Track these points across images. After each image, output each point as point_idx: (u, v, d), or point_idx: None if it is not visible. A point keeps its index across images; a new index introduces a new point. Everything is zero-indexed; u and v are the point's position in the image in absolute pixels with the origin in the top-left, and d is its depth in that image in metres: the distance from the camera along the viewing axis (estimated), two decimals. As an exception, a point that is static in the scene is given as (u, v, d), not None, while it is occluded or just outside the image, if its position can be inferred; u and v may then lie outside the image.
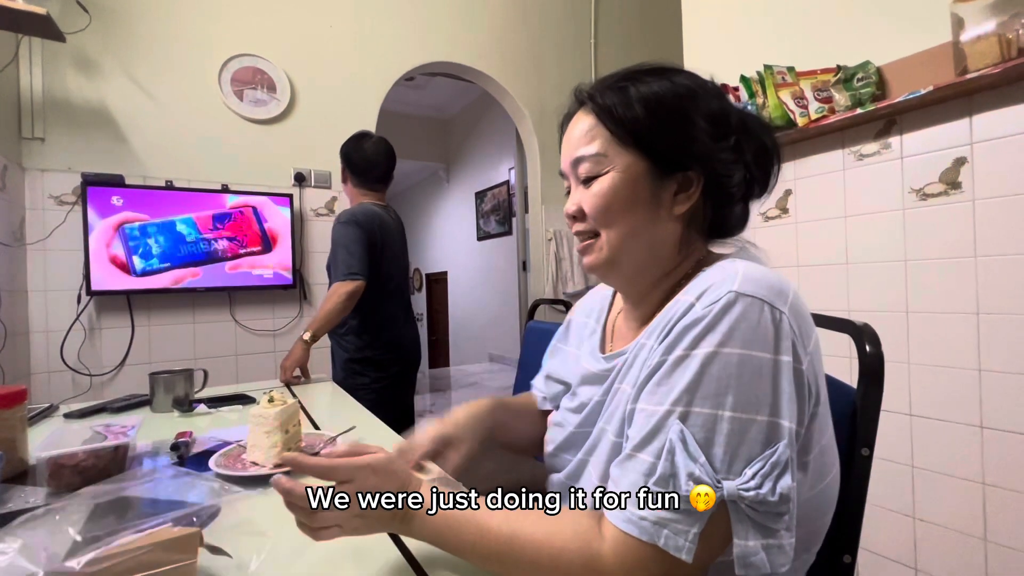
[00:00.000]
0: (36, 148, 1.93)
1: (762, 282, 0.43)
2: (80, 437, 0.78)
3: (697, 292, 0.44)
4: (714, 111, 0.50)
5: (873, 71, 1.34)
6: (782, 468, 0.39)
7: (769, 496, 0.38)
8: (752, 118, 0.53)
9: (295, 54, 2.40)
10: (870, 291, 1.39)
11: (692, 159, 0.50)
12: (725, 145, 0.50)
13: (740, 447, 0.39)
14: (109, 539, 0.43)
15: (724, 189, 0.51)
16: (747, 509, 0.38)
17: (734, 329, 0.41)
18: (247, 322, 2.31)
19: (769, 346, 0.40)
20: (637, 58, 0.56)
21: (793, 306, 0.43)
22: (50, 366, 1.94)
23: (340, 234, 1.61)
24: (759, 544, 0.38)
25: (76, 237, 1.95)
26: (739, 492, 0.38)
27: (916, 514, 1.29)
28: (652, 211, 0.50)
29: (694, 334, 0.42)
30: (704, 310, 0.42)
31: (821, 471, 0.46)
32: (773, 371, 0.40)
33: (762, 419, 0.39)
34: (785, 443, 0.39)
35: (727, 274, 0.44)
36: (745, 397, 0.40)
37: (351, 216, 1.63)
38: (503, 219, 5.14)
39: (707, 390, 0.40)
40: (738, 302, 0.41)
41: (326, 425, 1.04)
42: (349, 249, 1.57)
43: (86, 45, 1.98)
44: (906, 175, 1.31)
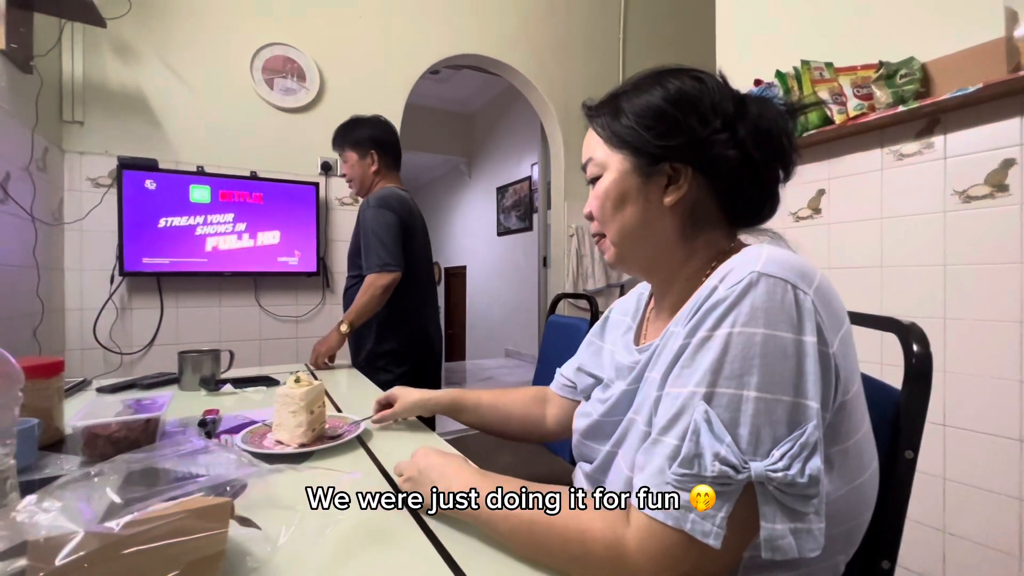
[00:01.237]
0: (75, 131, 1.98)
1: (785, 263, 0.42)
2: (113, 410, 0.81)
3: (721, 275, 0.45)
4: (698, 101, 0.51)
5: (917, 67, 1.30)
6: (811, 449, 0.38)
7: (798, 477, 0.37)
8: (754, 101, 0.52)
9: (325, 44, 2.43)
10: (905, 295, 1.34)
11: (675, 150, 0.51)
12: (711, 131, 0.50)
13: (766, 427, 0.38)
14: (145, 504, 0.43)
15: (721, 173, 0.51)
16: (775, 491, 0.37)
17: (756, 308, 0.40)
18: (271, 307, 2.34)
19: (792, 326, 0.40)
20: (666, 53, 0.57)
21: (820, 290, 0.42)
22: (83, 343, 2.00)
23: (372, 219, 1.52)
24: (787, 528, 0.37)
25: (111, 218, 2.01)
26: (767, 473, 0.37)
27: (946, 528, 1.25)
28: (642, 205, 0.53)
29: (716, 315, 0.42)
30: (727, 291, 0.42)
31: (857, 467, 0.44)
32: (797, 351, 0.39)
33: (788, 399, 0.39)
34: (814, 424, 0.38)
35: (751, 256, 0.44)
36: (770, 377, 0.39)
37: (383, 200, 1.55)
38: (524, 215, 5.13)
39: (731, 370, 0.40)
40: (760, 282, 0.41)
41: (347, 408, 1.04)
42: (383, 238, 1.50)
43: (125, 31, 2.03)
44: (949, 176, 1.26)
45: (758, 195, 0.53)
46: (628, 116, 0.53)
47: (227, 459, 0.60)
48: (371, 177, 1.69)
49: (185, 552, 0.38)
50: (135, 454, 0.56)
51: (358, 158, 1.66)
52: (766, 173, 0.52)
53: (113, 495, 0.41)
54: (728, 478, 0.38)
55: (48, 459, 0.74)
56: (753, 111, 0.51)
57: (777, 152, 0.52)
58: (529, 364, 5.00)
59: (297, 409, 0.76)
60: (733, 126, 0.50)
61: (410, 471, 0.59)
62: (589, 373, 0.69)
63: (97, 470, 0.44)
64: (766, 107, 0.52)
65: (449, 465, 0.57)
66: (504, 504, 0.48)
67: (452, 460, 0.58)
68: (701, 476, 0.38)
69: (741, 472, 0.37)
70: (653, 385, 0.48)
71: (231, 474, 0.55)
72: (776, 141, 0.51)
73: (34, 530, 0.37)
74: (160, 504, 0.44)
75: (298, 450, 0.75)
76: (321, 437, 0.80)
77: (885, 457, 0.51)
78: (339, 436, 0.82)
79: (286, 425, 0.77)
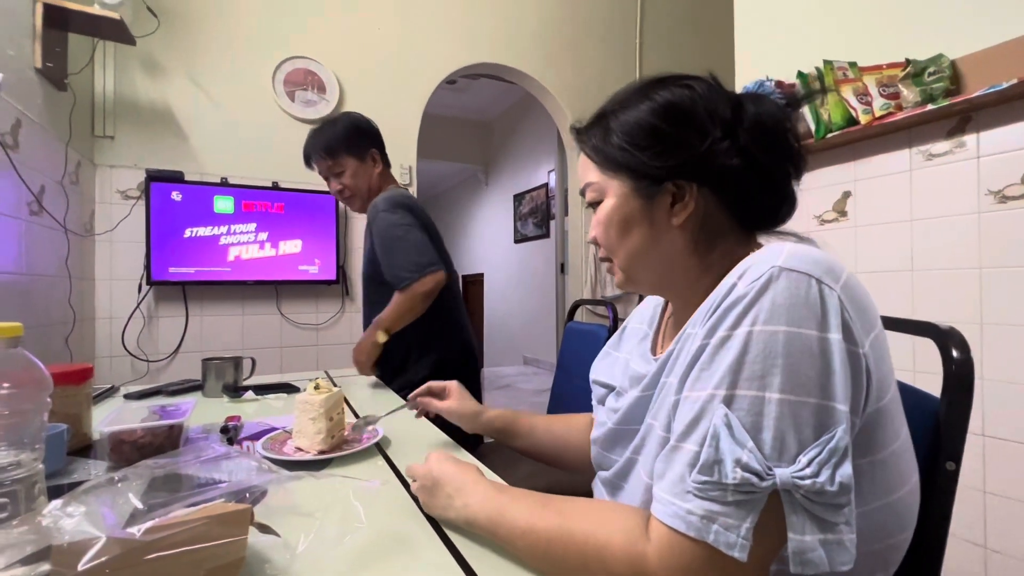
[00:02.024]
0: (107, 145, 2.05)
1: (808, 258, 0.39)
2: (138, 416, 0.82)
3: (740, 272, 0.42)
4: (691, 112, 0.49)
5: (947, 65, 1.26)
6: (841, 455, 0.35)
7: (827, 485, 0.34)
8: (750, 99, 0.50)
9: (344, 56, 2.47)
10: (938, 300, 1.29)
11: (675, 169, 0.49)
12: (711, 142, 0.48)
13: (791, 431, 0.36)
14: (166, 510, 0.44)
15: (727, 184, 0.49)
16: (802, 499, 0.35)
17: (778, 305, 0.38)
18: (292, 315, 2.38)
19: (817, 323, 0.37)
20: (684, 56, 0.55)
21: (848, 288, 0.39)
22: (112, 351, 2.06)
23: (390, 223, 1.30)
24: (816, 539, 0.35)
25: (139, 229, 2.07)
26: (793, 480, 0.35)
27: (988, 544, 1.19)
28: (649, 229, 0.51)
29: (735, 313, 0.39)
30: (746, 288, 0.40)
31: (893, 481, 0.42)
32: (823, 349, 0.37)
33: (814, 401, 0.36)
34: (843, 428, 0.36)
35: (772, 252, 0.41)
36: (794, 377, 0.36)
37: (394, 202, 1.33)
38: (541, 222, 5.12)
39: (752, 371, 0.37)
40: (781, 276, 0.38)
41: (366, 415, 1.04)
42: (411, 240, 1.29)
43: (154, 49, 2.10)
44: (983, 176, 1.21)
45: (770, 198, 0.51)
46: (618, 136, 0.51)
47: (248, 465, 0.61)
48: (377, 181, 1.45)
49: (205, 558, 0.38)
50: (159, 459, 0.56)
51: (359, 163, 1.42)
52: (775, 175, 0.50)
53: (136, 501, 0.41)
54: (752, 486, 0.35)
55: (76, 464, 0.75)
56: (750, 111, 0.49)
57: (783, 152, 0.49)
58: (547, 372, 4.97)
59: (317, 416, 0.77)
60: (733, 132, 0.48)
61: (424, 479, 0.57)
62: (602, 383, 0.67)
63: (121, 475, 0.45)
64: (763, 104, 0.49)
65: (466, 476, 0.55)
66: (521, 520, 0.47)
67: (468, 470, 0.57)
68: (722, 484, 0.36)
69: (765, 479, 0.35)
70: (671, 390, 0.46)
71: (251, 480, 0.55)
72: (780, 140, 0.49)
73: (59, 534, 0.37)
74: (182, 510, 0.44)
75: (317, 457, 0.75)
76: (340, 444, 0.81)
77: (925, 469, 0.48)
78: (359, 442, 0.81)
79: (305, 432, 0.77)
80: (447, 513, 0.54)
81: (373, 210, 1.36)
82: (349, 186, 1.42)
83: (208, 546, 0.38)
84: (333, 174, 1.42)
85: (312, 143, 1.42)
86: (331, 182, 1.45)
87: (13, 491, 0.47)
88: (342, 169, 1.41)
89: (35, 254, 1.52)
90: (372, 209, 1.36)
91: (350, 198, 1.45)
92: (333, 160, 1.40)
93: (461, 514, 0.52)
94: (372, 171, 1.44)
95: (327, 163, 1.41)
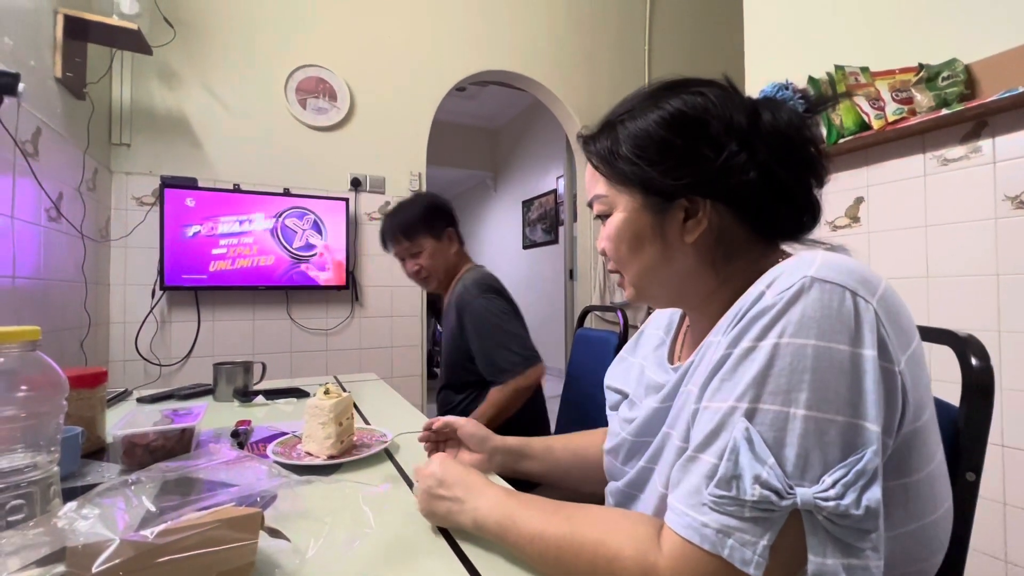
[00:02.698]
0: (123, 153, 2.09)
1: (843, 268, 0.37)
2: (151, 420, 0.83)
3: (768, 280, 0.40)
4: (705, 123, 0.46)
5: (961, 69, 1.24)
6: (869, 478, 0.33)
7: (853, 508, 0.33)
8: (765, 105, 0.47)
9: (355, 65, 2.50)
10: (955, 307, 1.27)
11: (688, 186, 0.46)
12: (726, 156, 0.45)
13: (816, 450, 0.34)
14: (178, 513, 0.44)
15: (743, 200, 0.46)
16: (825, 521, 0.33)
17: (808, 317, 0.36)
18: (302, 321, 2.40)
19: (850, 337, 0.35)
20: (693, 61, 0.54)
21: (885, 300, 0.37)
22: (126, 355, 2.08)
23: (487, 310, 1.26)
24: (839, 563, 0.33)
25: (153, 235, 2.10)
26: (815, 501, 0.33)
27: (1008, 558, 1.16)
28: (661, 245, 0.49)
29: (763, 324, 0.38)
30: (775, 298, 0.38)
31: (927, 504, 0.40)
32: (854, 365, 0.35)
33: (842, 419, 0.35)
34: (874, 450, 0.34)
35: (803, 261, 0.39)
36: (822, 394, 0.35)
37: (486, 285, 1.30)
38: (549, 228, 5.13)
39: (777, 385, 0.36)
40: (814, 287, 0.37)
41: (376, 420, 1.05)
42: (509, 329, 1.24)
43: (170, 58, 2.14)
44: (999, 181, 1.19)
45: (791, 210, 0.48)
46: (627, 148, 0.48)
47: (258, 470, 0.61)
48: (454, 260, 1.41)
49: (216, 562, 0.38)
50: (171, 463, 0.57)
51: (436, 243, 1.38)
52: (796, 186, 0.47)
53: (148, 504, 0.42)
54: (770, 503, 0.34)
55: (90, 467, 0.76)
56: (767, 119, 0.46)
57: (804, 161, 0.47)
58: (557, 378, 4.94)
59: (326, 421, 0.77)
60: (749, 143, 0.45)
61: (428, 480, 0.56)
62: (616, 389, 0.66)
63: (134, 478, 0.45)
64: (781, 111, 0.47)
65: (475, 478, 0.55)
66: (531, 526, 0.46)
67: (474, 473, 0.56)
68: (740, 499, 0.35)
69: (785, 498, 0.34)
70: (690, 398, 0.45)
71: (262, 485, 0.55)
72: (800, 149, 0.47)
73: (73, 536, 0.37)
74: (193, 513, 0.44)
75: (327, 462, 0.75)
76: (350, 449, 0.81)
77: (943, 479, 0.47)
78: (368, 447, 0.82)
79: (315, 436, 0.78)
80: (454, 516, 0.53)
81: (464, 295, 1.30)
82: (426, 267, 1.38)
83: (219, 550, 0.38)
84: (410, 255, 1.39)
85: (389, 225, 1.39)
86: (407, 263, 1.41)
87: (29, 493, 0.47)
88: (419, 250, 1.37)
89: (53, 259, 1.54)
90: (463, 293, 1.31)
91: (426, 278, 1.41)
92: (410, 241, 1.37)
93: (469, 517, 0.51)
94: (449, 250, 1.40)
95: (404, 245, 1.37)
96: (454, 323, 1.33)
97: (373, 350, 2.53)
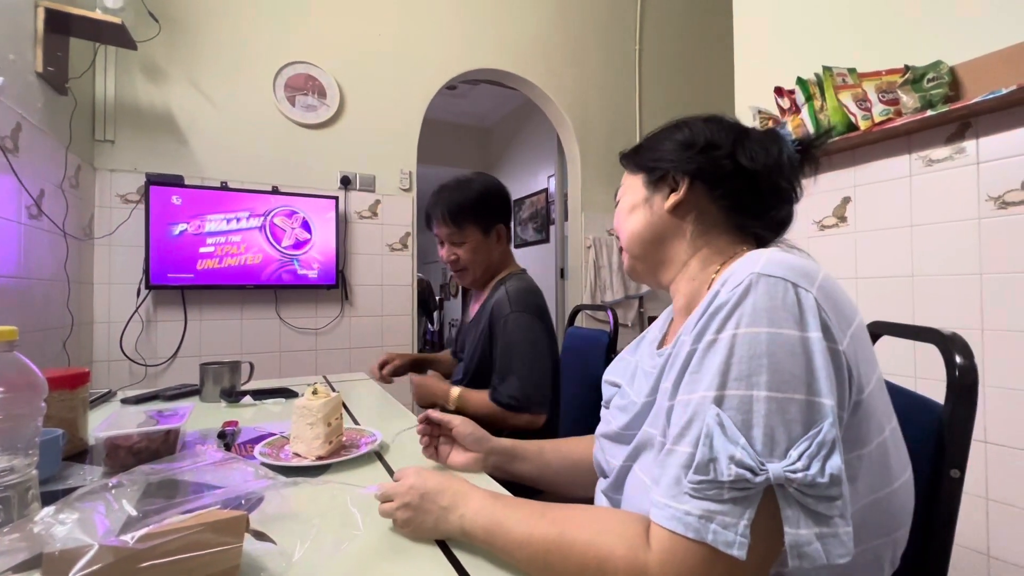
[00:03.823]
0: (107, 149, 2.05)
1: (784, 263, 0.42)
2: (135, 421, 0.81)
3: (723, 280, 0.45)
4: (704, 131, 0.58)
5: (946, 71, 1.26)
6: (830, 447, 0.36)
7: (819, 477, 0.35)
8: (758, 131, 0.58)
9: (345, 61, 2.48)
10: (939, 306, 1.29)
11: (676, 164, 0.57)
12: (707, 145, 0.56)
13: (780, 427, 0.38)
14: (160, 516, 0.43)
15: (715, 180, 0.56)
16: (796, 493, 0.36)
17: (758, 308, 0.40)
18: (291, 320, 2.37)
19: (796, 323, 0.40)
20: (682, 61, 0.63)
21: (823, 288, 0.42)
22: (110, 355, 2.05)
23: (523, 329, 1.14)
24: (812, 533, 0.36)
25: (138, 233, 2.06)
26: (786, 475, 0.36)
27: (990, 552, 1.18)
28: (646, 211, 0.60)
29: (720, 318, 0.42)
30: (728, 294, 0.42)
31: (881, 476, 0.42)
32: (804, 348, 0.39)
33: (800, 397, 0.38)
34: (830, 421, 0.37)
35: (750, 260, 0.44)
36: (779, 375, 0.38)
37: (529, 303, 1.17)
38: (540, 227, 5.12)
39: (739, 371, 0.39)
40: (760, 282, 0.41)
41: (366, 421, 1.04)
42: (535, 362, 1.12)
43: (155, 53, 2.11)
44: (983, 182, 1.21)
45: (756, 204, 0.56)
46: (645, 148, 0.63)
47: (244, 471, 0.60)
48: (497, 260, 1.28)
49: (200, 566, 0.38)
50: (154, 466, 0.56)
51: (482, 237, 1.24)
52: (763, 184, 0.55)
53: (130, 508, 0.41)
54: (746, 482, 0.36)
55: (72, 469, 0.74)
56: (755, 136, 0.57)
57: (772, 167, 0.54)
58: (546, 377, 4.94)
59: (314, 421, 0.76)
60: (732, 147, 0.56)
61: (408, 495, 0.53)
62: (611, 382, 0.68)
63: (115, 482, 0.44)
64: (769, 135, 0.57)
65: (458, 485, 0.54)
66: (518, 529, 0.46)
67: (456, 479, 0.56)
68: (718, 481, 0.37)
69: (759, 474, 0.36)
70: (665, 395, 0.47)
71: (248, 487, 0.55)
72: (772, 157, 0.55)
73: (51, 542, 0.36)
74: (176, 517, 0.43)
75: (315, 463, 0.75)
76: (339, 449, 0.80)
77: (929, 476, 0.48)
78: (357, 448, 0.81)
79: (303, 437, 0.77)
80: (441, 526, 0.52)
81: (504, 305, 1.17)
82: (465, 260, 1.24)
83: (203, 554, 0.38)
84: (451, 242, 1.25)
85: (437, 202, 1.24)
86: (446, 247, 1.26)
87: (6, 497, 0.46)
88: (463, 240, 1.23)
89: (34, 258, 1.51)
90: (502, 302, 1.18)
91: (462, 271, 1.27)
92: (457, 228, 1.22)
93: (456, 525, 0.51)
94: (495, 248, 1.26)
95: (448, 229, 1.23)
96: (484, 329, 1.20)
97: (363, 349, 2.52)
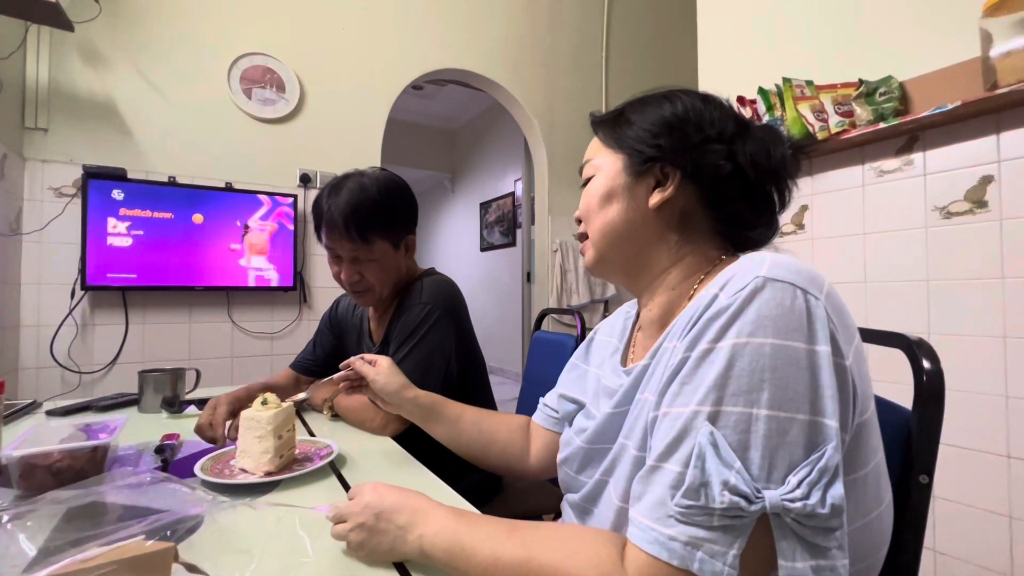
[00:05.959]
0: (38, 138, 1.89)
1: (792, 267, 0.38)
2: (58, 436, 0.73)
3: (721, 283, 0.40)
4: (699, 114, 0.51)
5: (896, 86, 1.32)
6: (832, 475, 0.33)
7: (819, 508, 0.32)
8: (760, 127, 0.52)
9: (306, 56, 2.39)
10: (890, 311, 1.34)
11: (666, 152, 0.50)
12: (704, 139, 0.50)
13: (781, 450, 0.34)
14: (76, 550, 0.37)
15: (709, 181, 0.50)
16: (793, 523, 0.33)
17: (764, 316, 0.36)
18: (244, 323, 2.25)
19: (804, 335, 0.36)
20: (649, 69, 0.59)
21: (831, 297, 0.38)
22: (39, 362, 1.88)
23: (430, 335, 0.98)
24: (808, 566, 0.33)
25: (74, 230, 1.91)
26: (783, 503, 0.33)
27: (936, 547, 1.23)
28: (627, 204, 0.52)
29: (719, 325, 0.38)
30: (729, 299, 0.38)
31: (872, 499, 0.40)
32: (811, 363, 0.35)
33: (803, 418, 0.34)
34: (833, 445, 0.34)
35: (754, 262, 0.40)
36: (782, 392, 0.35)
37: (447, 303, 1.02)
38: (507, 230, 5.11)
39: (738, 386, 0.35)
40: (766, 287, 0.37)
41: (322, 432, 0.98)
42: (429, 369, 0.96)
43: (94, 36, 1.96)
44: (929, 192, 1.27)
45: (749, 213, 0.51)
46: (629, 121, 0.53)
47: (181, 492, 0.54)
48: (403, 271, 1.08)
49: (115, 611, 0.32)
50: (72, 490, 0.50)
51: (393, 252, 1.03)
52: (758, 192, 0.50)
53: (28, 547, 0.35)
54: (740, 510, 0.33)
55: (-22, 493, 0.66)
56: (757, 134, 0.50)
57: (772, 173, 0.50)
58: (514, 381, 4.93)
59: (264, 434, 0.70)
60: (731, 142, 0.50)
61: (362, 515, 0.48)
62: (571, 399, 0.65)
63: (12, 514, 0.38)
64: (771, 133, 0.51)
65: (416, 503, 0.49)
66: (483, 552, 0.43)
67: (415, 496, 0.50)
68: (709, 508, 0.34)
69: (754, 502, 0.33)
70: (646, 406, 0.44)
71: (184, 510, 0.49)
72: (775, 163, 0.50)
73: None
74: (96, 549, 0.38)
75: (263, 479, 0.69)
76: (290, 464, 0.74)
77: (897, 482, 0.47)
78: (311, 462, 0.75)
79: (251, 451, 0.71)
80: (398, 548, 0.47)
81: (415, 300, 1.01)
82: (372, 279, 1.01)
83: (119, 596, 0.33)
84: (352, 258, 0.99)
85: (335, 207, 0.96)
86: (345, 267, 1.00)
87: None
88: (371, 257, 0.99)
89: (-52, 254, 1.37)
90: (414, 298, 1.02)
91: (364, 292, 1.03)
92: (364, 243, 0.97)
93: (415, 546, 0.46)
94: (401, 260, 1.05)
95: (352, 244, 0.97)
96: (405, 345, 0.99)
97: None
